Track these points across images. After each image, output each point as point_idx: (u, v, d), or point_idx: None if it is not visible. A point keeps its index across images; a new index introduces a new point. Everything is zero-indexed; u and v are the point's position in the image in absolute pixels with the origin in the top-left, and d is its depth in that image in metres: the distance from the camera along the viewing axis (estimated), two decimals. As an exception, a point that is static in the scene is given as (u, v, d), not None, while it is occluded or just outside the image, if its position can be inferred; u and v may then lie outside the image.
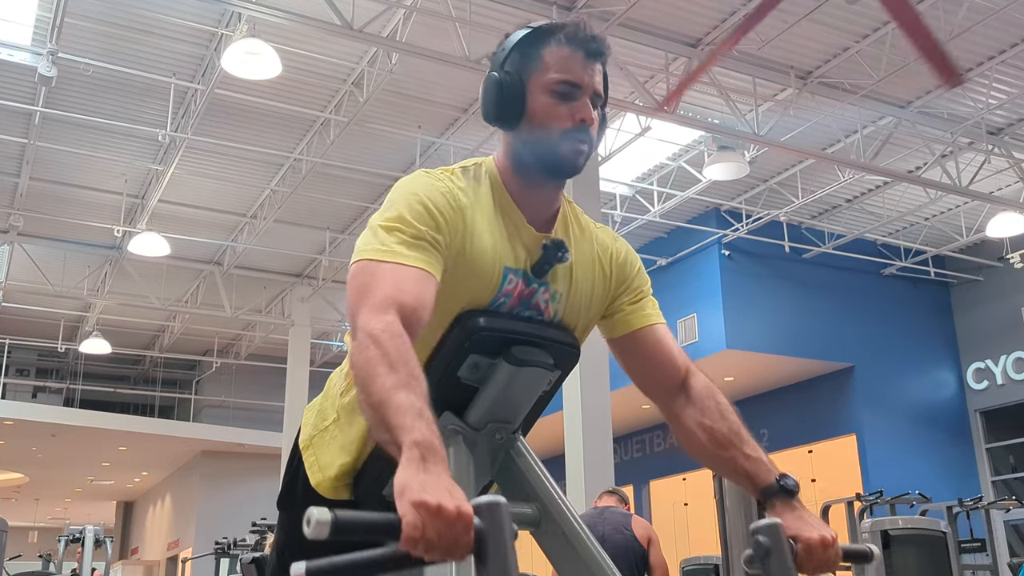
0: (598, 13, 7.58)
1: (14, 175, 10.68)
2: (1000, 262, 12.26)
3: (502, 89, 1.61)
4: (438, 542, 1.13)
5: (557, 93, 1.60)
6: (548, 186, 1.67)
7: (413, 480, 1.17)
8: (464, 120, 9.48)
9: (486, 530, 1.16)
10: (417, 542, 1.13)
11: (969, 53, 8.37)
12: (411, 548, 1.14)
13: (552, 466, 1.86)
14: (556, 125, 1.60)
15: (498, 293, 1.61)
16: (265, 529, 10.29)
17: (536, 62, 1.61)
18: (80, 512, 25.20)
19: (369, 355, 1.34)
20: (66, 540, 12.36)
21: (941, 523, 7.31)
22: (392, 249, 1.47)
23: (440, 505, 1.13)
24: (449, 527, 1.13)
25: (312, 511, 1.13)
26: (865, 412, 11.87)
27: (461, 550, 1.15)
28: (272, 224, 11.47)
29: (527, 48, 1.63)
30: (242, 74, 7.82)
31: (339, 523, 1.14)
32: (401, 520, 1.14)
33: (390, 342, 1.34)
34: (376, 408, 1.30)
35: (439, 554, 1.15)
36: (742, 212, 11.44)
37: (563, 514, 1.61)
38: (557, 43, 1.62)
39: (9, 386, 17.20)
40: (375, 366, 1.32)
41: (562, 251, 1.64)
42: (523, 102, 1.61)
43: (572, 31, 1.63)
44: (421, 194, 1.55)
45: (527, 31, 1.65)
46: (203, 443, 17.38)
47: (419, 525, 1.13)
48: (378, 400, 1.30)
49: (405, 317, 1.40)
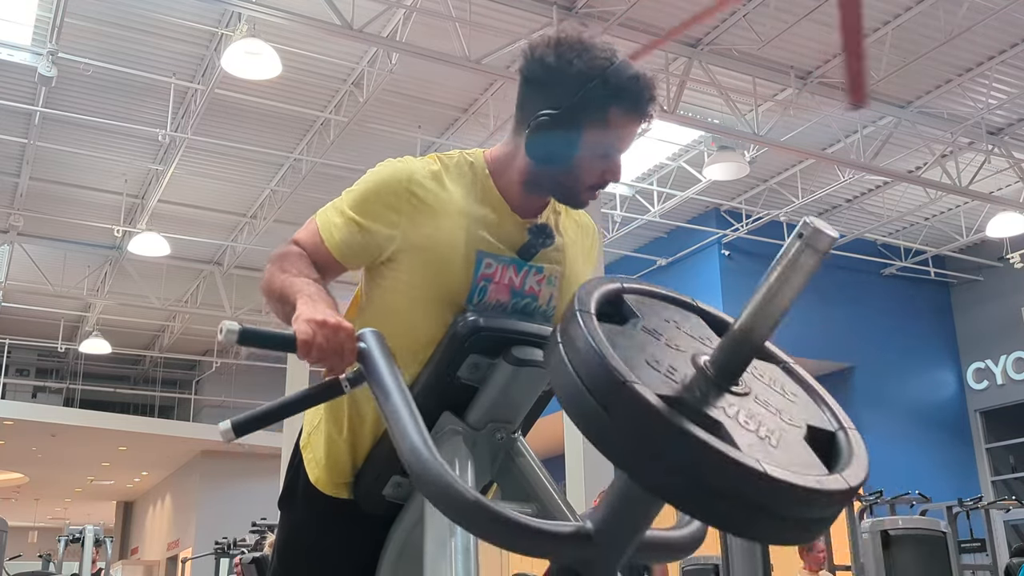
0: (598, 13, 7.59)
1: (14, 175, 10.68)
2: (1000, 262, 12.26)
3: (558, 134, 1.57)
4: (326, 346, 1.39)
5: (603, 156, 1.60)
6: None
7: (304, 309, 1.44)
8: (464, 120, 9.49)
9: (369, 348, 1.42)
10: (310, 347, 1.38)
11: (969, 53, 8.38)
12: (305, 355, 1.39)
13: (552, 466, 1.86)
14: (586, 178, 1.61)
15: (475, 278, 1.62)
16: (265, 529, 10.29)
17: (600, 118, 1.56)
18: (80, 512, 25.19)
19: (268, 270, 1.60)
20: (66, 540, 12.35)
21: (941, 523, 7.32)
22: (325, 214, 1.67)
23: (324, 319, 1.40)
24: (334, 333, 1.39)
25: (224, 322, 1.34)
26: (865, 412, 11.86)
27: (347, 355, 1.41)
28: (272, 224, 11.46)
29: (598, 97, 1.56)
30: (242, 74, 7.82)
31: (246, 333, 1.37)
32: (296, 333, 1.39)
33: (287, 258, 1.61)
34: (278, 298, 1.55)
35: (329, 359, 1.40)
36: (742, 212, 11.44)
37: (563, 514, 1.61)
38: (626, 108, 1.57)
39: (9, 386, 17.19)
40: (273, 272, 1.59)
41: (547, 235, 1.66)
42: (573, 151, 1.58)
43: (639, 97, 1.58)
44: (370, 179, 1.66)
45: (604, 76, 1.55)
46: (203, 443, 17.37)
47: (310, 333, 1.39)
48: (279, 290, 1.55)
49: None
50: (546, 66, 1.59)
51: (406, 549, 1.69)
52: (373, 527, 1.73)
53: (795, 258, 1.16)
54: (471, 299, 1.62)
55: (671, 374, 1.20)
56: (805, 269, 1.18)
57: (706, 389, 1.19)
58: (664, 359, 1.23)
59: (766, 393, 1.28)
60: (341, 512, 1.73)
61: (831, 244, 1.14)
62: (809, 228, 1.13)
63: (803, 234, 1.14)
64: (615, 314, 1.30)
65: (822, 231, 1.13)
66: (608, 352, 1.14)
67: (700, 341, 1.33)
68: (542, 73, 1.59)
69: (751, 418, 1.18)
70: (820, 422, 1.33)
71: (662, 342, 1.27)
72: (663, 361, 1.22)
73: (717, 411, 1.16)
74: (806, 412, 1.32)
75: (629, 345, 1.22)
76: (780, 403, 1.28)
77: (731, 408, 1.18)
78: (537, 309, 1.69)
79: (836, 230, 1.17)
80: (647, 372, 1.17)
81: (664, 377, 1.18)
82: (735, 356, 1.23)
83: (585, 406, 1.14)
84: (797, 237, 1.15)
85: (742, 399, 1.21)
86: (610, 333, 1.20)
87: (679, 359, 1.24)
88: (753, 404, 1.22)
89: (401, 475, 1.64)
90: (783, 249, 1.17)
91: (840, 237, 11.90)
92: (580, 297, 1.25)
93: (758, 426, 1.17)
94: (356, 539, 1.74)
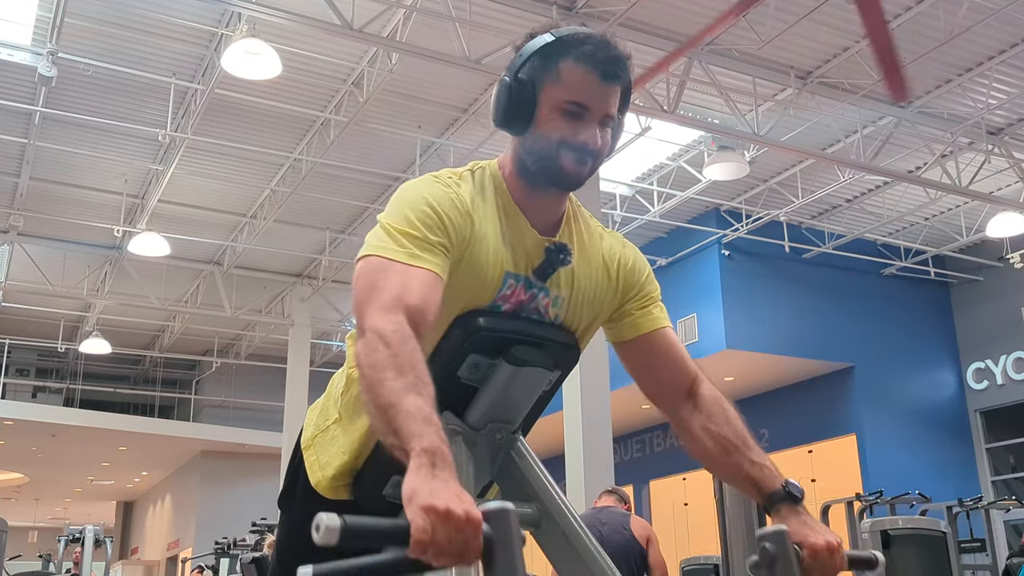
0: (598, 13, 7.59)
1: (14, 175, 10.68)
2: (1000, 262, 12.26)
3: (513, 96, 1.59)
4: (448, 547, 1.13)
5: (566, 112, 1.58)
6: (552, 192, 1.66)
7: (423, 486, 1.17)
8: (464, 120, 9.48)
9: (495, 536, 1.16)
10: (427, 547, 1.13)
11: (969, 53, 8.37)
12: (420, 554, 1.14)
13: (552, 466, 1.86)
14: (554, 136, 1.58)
15: (496, 297, 1.61)
16: (265, 529, 10.29)
17: (552, 74, 1.58)
18: (80, 512, 25.19)
19: (378, 357, 1.33)
20: (66, 540, 12.36)
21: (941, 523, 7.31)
22: (403, 249, 1.46)
23: (449, 510, 1.13)
24: (459, 532, 1.13)
25: (321, 516, 1.14)
26: (865, 412, 11.87)
27: (471, 555, 1.15)
28: (272, 224, 11.47)
29: (546, 57, 1.59)
30: (242, 74, 7.82)
31: (349, 529, 1.14)
32: (411, 525, 1.14)
33: (400, 345, 1.33)
34: (384, 411, 1.29)
35: (448, 559, 1.14)
36: (742, 212, 11.44)
37: (563, 514, 1.61)
38: (576, 59, 1.57)
39: (9, 386, 17.20)
40: (384, 368, 1.31)
41: (564, 254, 1.64)
42: (532, 111, 1.59)
43: (592, 49, 1.58)
44: (430, 198, 1.54)
45: (549, 39, 1.60)
46: (203, 443, 17.38)
47: (429, 530, 1.13)
48: (387, 403, 1.29)
49: (412, 319, 1.38)
50: (518, 51, 1.64)
51: (406, 549, 1.68)
52: (373, 527, 1.72)
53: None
54: None
55: None
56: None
57: None
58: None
59: None
60: (341, 512, 1.73)
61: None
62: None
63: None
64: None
65: None
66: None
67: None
68: (515, 59, 1.63)
69: None
70: None
71: None
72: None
73: None
74: None
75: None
76: None
77: None
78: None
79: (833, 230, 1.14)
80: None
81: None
82: None
83: None
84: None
85: None
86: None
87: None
88: None
89: (401, 475, 1.64)
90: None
91: (839, 237, 12.00)
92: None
93: None
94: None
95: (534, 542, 1.66)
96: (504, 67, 1.66)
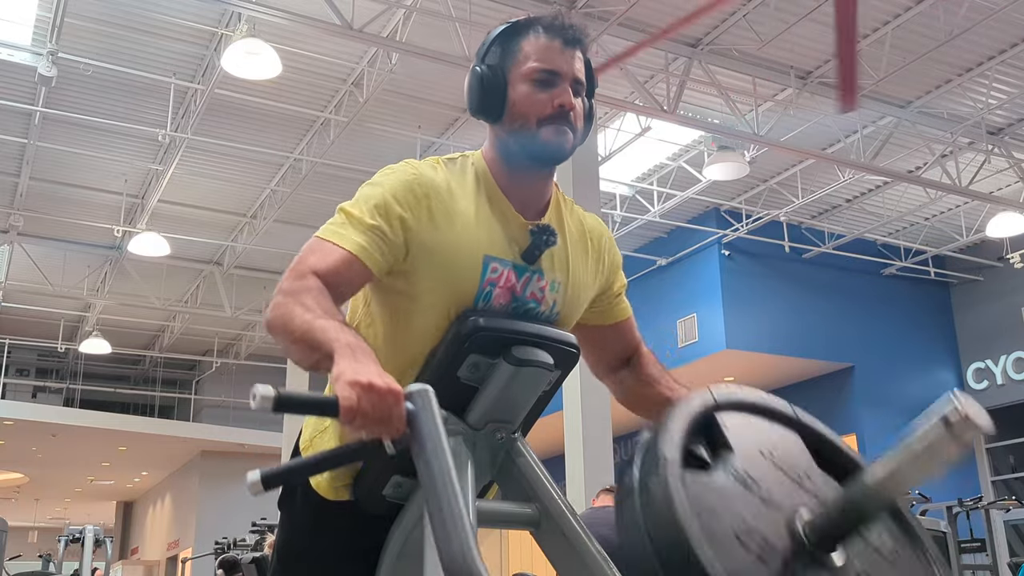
0: (598, 13, 7.58)
1: (14, 175, 10.68)
2: (1000, 262, 12.26)
3: (482, 82, 1.65)
4: (373, 414, 1.26)
5: (536, 82, 1.63)
6: (536, 175, 1.69)
7: (347, 367, 1.30)
8: (464, 120, 9.49)
9: (417, 410, 1.28)
10: (354, 415, 1.26)
11: (969, 53, 8.37)
12: (349, 423, 1.26)
13: (552, 466, 1.86)
14: (536, 112, 1.62)
15: (481, 283, 1.61)
16: (265, 529, 10.29)
17: (515, 54, 1.65)
18: (80, 512, 25.20)
19: (283, 305, 1.45)
20: (66, 540, 12.35)
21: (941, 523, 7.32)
22: (337, 230, 1.55)
23: (371, 382, 1.27)
24: (382, 399, 1.27)
25: (257, 387, 1.23)
26: (865, 412, 11.87)
27: (395, 423, 1.28)
28: (272, 224, 11.47)
29: (507, 41, 1.67)
30: (242, 74, 7.82)
31: (282, 398, 1.24)
32: (339, 397, 1.26)
33: (305, 292, 1.46)
34: (300, 340, 1.41)
35: (375, 427, 1.27)
36: (742, 212, 11.44)
37: (563, 514, 1.61)
38: (535, 33, 1.65)
39: (9, 386, 17.20)
40: (291, 309, 1.43)
41: (549, 236, 1.66)
42: (504, 93, 1.63)
43: (549, 21, 1.66)
44: (385, 182, 1.60)
45: (506, 25, 1.68)
46: (203, 443, 17.38)
47: (355, 400, 1.26)
48: (301, 332, 1.41)
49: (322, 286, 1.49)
50: (481, 44, 1.72)
51: (406, 549, 1.69)
52: (373, 527, 1.72)
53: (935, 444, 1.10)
54: (476, 304, 1.62)
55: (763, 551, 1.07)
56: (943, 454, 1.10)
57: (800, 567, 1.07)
58: (757, 526, 1.10)
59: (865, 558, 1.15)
60: (341, 513, 1.73)
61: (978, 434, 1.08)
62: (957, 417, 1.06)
63: (950, 422, 1.07)
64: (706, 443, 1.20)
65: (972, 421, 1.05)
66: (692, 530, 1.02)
67: (798, 483, 1.21)
68: (479, 51, 1.72)
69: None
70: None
71: (756, 496, 1.15)
72: (755, 531, 1.09)
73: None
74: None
75: (717, 506, 1.10)
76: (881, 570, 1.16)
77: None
78: (540, 315, 1.69)
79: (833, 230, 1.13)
80: (734, 553, 1.05)
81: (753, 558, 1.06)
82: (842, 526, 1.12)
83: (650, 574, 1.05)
84: (942, 423, 1.08)
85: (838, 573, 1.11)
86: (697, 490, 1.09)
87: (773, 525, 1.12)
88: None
89: (401, 475, 1.64)
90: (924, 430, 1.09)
91: (839, 237, 11.99)
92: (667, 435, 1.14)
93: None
94: (356, 540, 1.74)
95: (535, 542, 1.66)
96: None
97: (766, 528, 1.11)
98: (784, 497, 1.16)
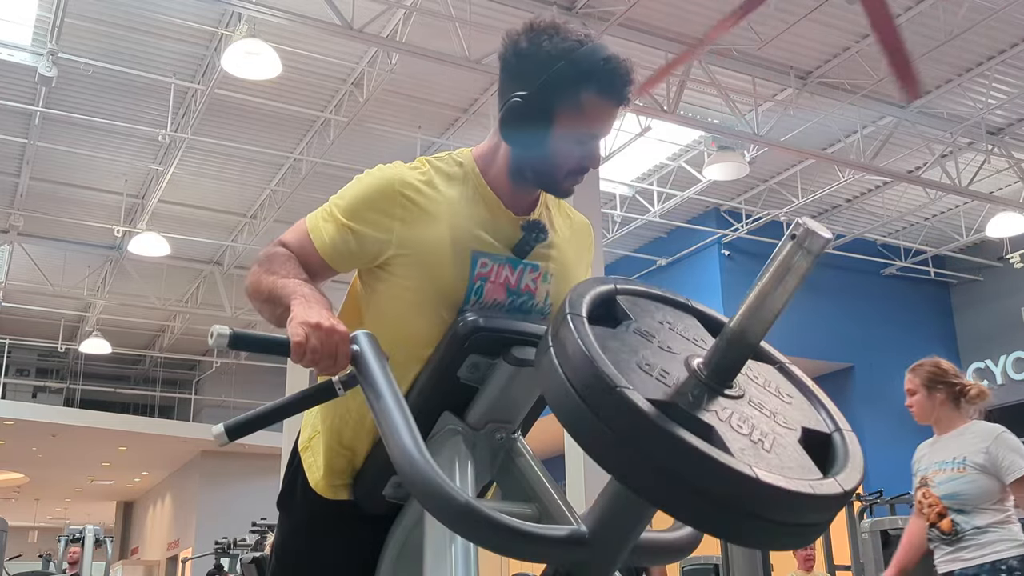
0: (598, 13, 7.59)
1: (14, 175, 10.68)
2: (1000, 262, 12.26)
3: (530, 118, 1.57)
4: (321, 350, 1.39)
5: (579, 141, 1.59)
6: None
7: (300, 311, 1.44)
8: (464, 120, 9.48)
9: (362, 349, 1.41)
10: (304, 351, 1.38)
11: (969, 53, 8.37)
12: (299, 359, 1.39)
13: (552, 466, 1.86)
14: (568, 167, 1.61)
15: (471, 277, 1.61)
16: (265, 529, 10.29)
17: (572, 102, 1.55)
18: (80, 512, 25.18)
19: (255, 272, 1.62)
20: (66, 540, 12.34)
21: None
22: (317, 224, 1.67)
23: (319, 322, 1.40)
24: (328, 337, 1.39)
25: (215, 327, 1.36)
26: (865, 412, 11.86)
27: (341, 359, 1.40)
28: (272, 224, 11.46)
29: (568, 79, 1.55)
30: (242, 74, 7.82)
31: (236, 336, 1.38)
32: (290, 336, 1.39)
33: (275, 258, 1.62)
34: (268, 299, 1.56)
35: (323, 363, 1.39)
36: (742, 212, 11.44)
37: (563, 514, 1.61)
38: (598, 91, 1.55)
39: (9, 386, 17.19)
40: (261, 275, 1.59)
41: (540, 231, 1.67)
42: (546, 140, 1.58)
43: (612, 79, 1.55)
44: (367, 182, 1.64)
45: (573, 58, 1.55)
46: (203, 443, 17.35)
47: (304, 336, 1.39)
48: (267, 292, 1.56)
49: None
50: (519, 51, 1.61)
51: (406, 549, 1.69)
52: (372, 527, 1.73)
53: (788, 260, 1.16)
54: (468, 299, 1.62)
55: (663, 378, 1.19)
56: (798, 271, 1.16)
57: (698, 392, 1.18)
58: (656, 362, 1.22)
59: (760, 395, 1.26)
60: (340, 512, 1.73)
61: (825, 246, 1.13)
62: (802, 229, 1.13)
63: (796, 235, 1.13)
64: (607, 316, 1.29)
65: (815, 232, 1.12)
66: (599, 357, 1.13)
67: (694, 343, 1.32)
68: (515, 58, 1.61)
69: (744, 422, 1.17)
70: (815, 424, 1.30)
71: (654, 344, 1.26)
72: (655, 364, 1.21)
73: (709, 415, 1.15)
74: (801, 414, 1.30)
75: (621, 348, 1.21)
76: (775, 405, 1.27)
77: (724, 412, 1.17)
78: (534, 307, 1.69)
79: (834, 230, 1.16)
80: (639, 376, 1.16)
81: (656, 381, 1.17)
82: (728, 357, 1.21)
83: (575, 411, 1.14)
84: (790, 239, 1.14)
85: (735, 402, 1.20)
86: (601, 336, 1.19)
87: (672, 362, 1.23)
88: (747, 407, 1.21)
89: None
90: (776, 250, 1.16)
91: (839, 237, 11.99)
92: (572, 300, 1.25)
93: (751, 430, 1.16)
94: (355, 539, 1.74)
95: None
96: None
97: (665, 364, 1.21)
98: (681, 348, 1.27)
